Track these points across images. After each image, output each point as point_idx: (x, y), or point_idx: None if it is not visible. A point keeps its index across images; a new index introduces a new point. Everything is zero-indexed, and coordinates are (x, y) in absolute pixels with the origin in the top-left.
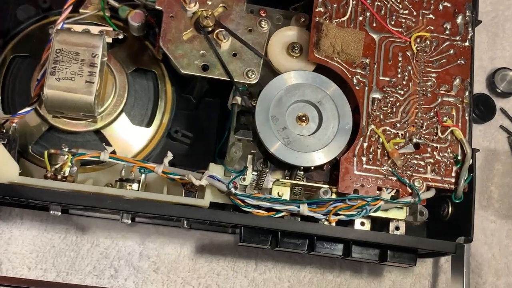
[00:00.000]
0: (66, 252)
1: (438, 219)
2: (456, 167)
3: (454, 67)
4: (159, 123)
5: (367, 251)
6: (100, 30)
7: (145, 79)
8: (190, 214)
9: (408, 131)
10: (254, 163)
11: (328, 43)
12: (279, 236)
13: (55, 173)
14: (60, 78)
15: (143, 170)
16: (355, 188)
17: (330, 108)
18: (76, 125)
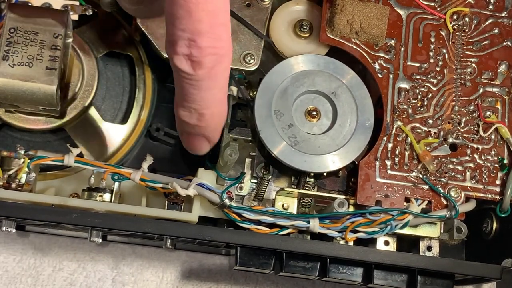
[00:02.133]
0: (22, 278)
1: (480, 238)
2: (501, 173)
3: (499, 50)
4: (137, 119)
5: (393, 276)
6: (63, 5)
7: (119, 65)
8: (175, 231)
9: (442, 129)
10: (253, 168)
11: (345, 21)
12: (284, 258)
13: (8, 181)
14: (14, 64)
15: (116, 177)
16: (377, 199)
17: (347, 101)
18: (34, 121)
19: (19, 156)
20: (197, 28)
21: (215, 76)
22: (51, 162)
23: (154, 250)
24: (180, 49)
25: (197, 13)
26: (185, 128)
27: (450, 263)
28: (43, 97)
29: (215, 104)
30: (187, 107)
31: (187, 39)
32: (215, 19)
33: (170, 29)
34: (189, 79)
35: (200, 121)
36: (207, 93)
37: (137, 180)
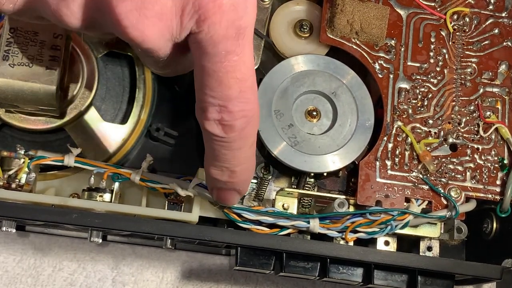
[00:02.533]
0: (22, 278)
1: (480, 238)
2: (502, 174)
3: (499, 50)
4: (137, 119)
5: (393, 276)
6: None
7: (119, 65)
8: (175, 231)
9: (442, 129)
10: None
11: (345, 21)
12: (284, 259)
13: (8, 181)
14: (14, 64)
15: (116, 177)
16: (377, 199)
17: (347, 101)
18: (34, 121)
19: (19, 156)
20: (227, 94)
21: (245, 137)
22: (51, 162)
23: (154, 250)
24: (211, 115)
25: (227, 81)
26: (216, 184)
27: (450, 263)
28: (43, 97)
29: (245, 160)
30: (219, 166)
31: (217, 105)
32: (244, 84)
33: (200, 97)
34: (220, 141)
35: (231, 177)
36: (238, 152)
37: (137, 180)
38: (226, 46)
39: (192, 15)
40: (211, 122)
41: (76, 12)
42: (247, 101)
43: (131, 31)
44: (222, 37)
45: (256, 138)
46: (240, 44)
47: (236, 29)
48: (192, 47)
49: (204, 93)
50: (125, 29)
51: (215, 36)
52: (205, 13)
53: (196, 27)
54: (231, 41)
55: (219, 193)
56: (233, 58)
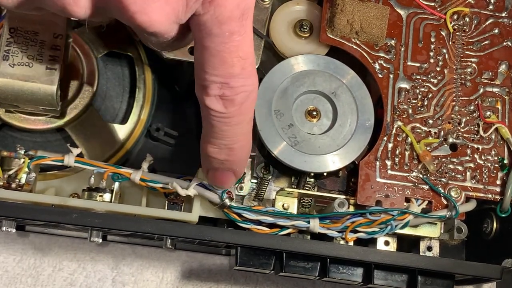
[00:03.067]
0: (22, 278)
1: (480, 238)
2: (502, 173)
3: (499, 50)
4: (137, 119)
5: (393, 276)
6: None
7: (119, 65)
8: (175, 231)
9: (442, 128)
10: (253, 168)
11: (345, 21)
12: (284, 258)
13: (8, 181)
14: (14, 64)
15: (117, 177)
16: (377, 199)
17: (347, 101)
18: (34, 121)
19: (19, 156)
20: (230, 72)
21: (245, 111)
22: (51, 162)
23: (154, 250)
24: (212, 91)
25: (230, 60)
26: (213, 164)
27: (450, 263)
28: (43, 97)
29: (243, 137)
30: (217, 144)
31: (219, 82)
32: (246, 62)
33: (201, 75)
34: (220, 117)
35: (229, 155)
36: (237, 127)
37: (137, 180)
38: (231, 27)
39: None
40: (212, 98)
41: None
42: (248, 76)
43: (139, 16)
44: (227, 18)
45: (253, 115)
46: (244, 25)
47: (240, 10)
48: (195, 28)
49: (205, 72)
50: (133, 15)
51: (221, 17)
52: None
53: (202, 9)
54: (236, 22)
55: (215, 175)
56: (236, 39)
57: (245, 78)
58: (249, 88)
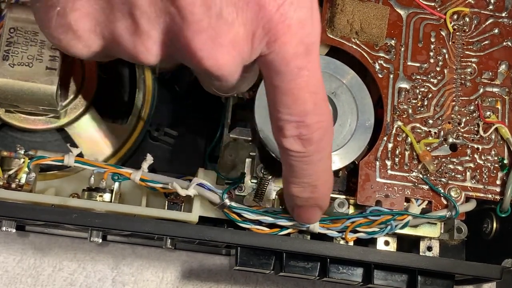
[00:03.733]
0: (22, 278)
1: (480, 238)
2: (502, 173)
3: (499, 50)
4: (137, 119)
5: (393, 276)
6: None
7: (119, 65)
8: (175, 231)
9: (442, 129)
10: (253, 168)
11: (345, 21)
12: (284, 258)
13: (8, 181)
14: (14, 64)
15: (116, 177)
16: (377, 199)
17: (347, 101)
18: (34, 121)
19: (19, 156)
20: (303, 110)
21: (323, 147)
22: (51, 162)
23: (154, 250)
24: (289, 132)
25: (301, 96)
26: (297, 203)
27: (450, 263)
28: (43, 97)
29: (325, 173)
30: (299, 183)
31: (294, 121)
32: (317, 96)
33: (276, 116)
34: (299, 156)
35: (313, 192)
36: (318, 165)
37: (137, 180)
38: (297, 63)
39: (262, 38)
40: (289, 139)
41: (152, 49)
42: (322, 112)
43: (206, 61)
44: (292, 55)
45: (331, 150)
46: (310, 60)
47: (305, 46)
48: (263, 68)
49: (279, 112)
50: (201, 60)
51: (286, 55)
52: (275, 34)
53: (267, 49)
54: (302, 58)
55: (301, 212)
56: (305, 74)
57: (319, 114)
58: (324, 124)
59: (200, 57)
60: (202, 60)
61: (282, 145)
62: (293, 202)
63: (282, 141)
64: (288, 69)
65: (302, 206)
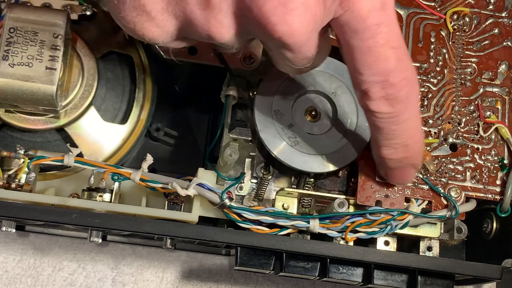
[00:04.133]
0: (22, 278)
1: (480, 238)
2: (502, 173)
3: (499, 50)
4: (137, 119)
5: (393, 276)
6: (63, 5)
7: (119, 65)
8: (175, 231)
9: (442, 129)
10: (253, 168)
11: None
12: (284, 259)
13: (8, 181)
14: (14, 64)
15: (116, 177)
16: (377, 199)
17: (347, 101)
18: (34, 121)
19: (19, 156)
20: (386, 68)
21: (411, 105)
22: (51, 162)
23: (154, 250)
24: (375, 94)
25: (383, 53)
26: (390, 165)
27: (450, 263)
28: (43, 97)
29: (415, 131)
30: (391, 145)
31: (379, 81)
32: (399, 52)
33: (359, 79)
34: (388, 117)
35: (406, 152)
36: (407, 123)
37: (137, 180)
38: (374, 19)
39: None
40: (376, 101)
41: (223, 21)
42: (406, 68)
43: (280, 27)
44: (368, 12)
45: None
46: (387, 14)
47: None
48: (339, 31)
49: (362, 74)
50: (274, 27)
51: (362, 12)
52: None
53: (341, 8)
54: (378, 13)
55: (395, 173)
56: (383, 30)
57: (403, 70)
58: (410, 80)
59: (272, 24)
60: (275, 26)
61: (369, 108)
62: (386, 166)
63: (369, 104)
64: (365, 26)
65: (396, 168)
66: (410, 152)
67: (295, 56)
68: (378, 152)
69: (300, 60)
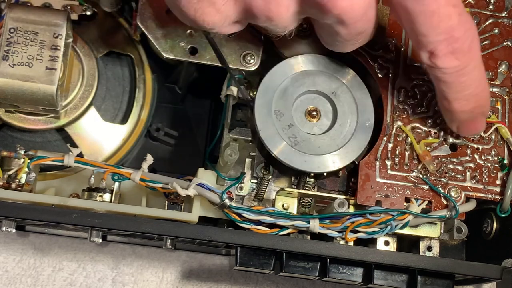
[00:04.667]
0: (22, 278)
1: (480, 238)
2: (502, 173)
3: (499, 50)
4: (137, 119)
5: (393, 276)
6: (63, 5)
7: (119, 65)
8: (175, 231)
9: (442, 128)
10: (253, 168)
11: None
12: (284, 259)
13: (8, 181)
14: (14, 64)
15: (117, 177)
16: (377, 199)
17: (347, 101)
18: (34, 121)
19: (19, 156)
20: (450, 25)
21: (475, 54)
22: (51, 162)
23: (154, 250)
24: (442, 51)
25: (446, 13)
26: (463, 117)
27: (450, 263)
28: (43, 97)
29: (482, 79)
30: (462, 97)
31: (445, 39)
32: (459, 8)
33: (423, 42)
34: (456, 71)
35: (476, 101)
36: (474, 72)
37: (137, 180)
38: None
39: None
40: (443, 58)
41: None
42: (466, 20)
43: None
44: None
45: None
46: None
47: None
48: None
49: (427, 36)
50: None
51: None
52: None
53: None
54: None
55: (468, 125)
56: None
57: (465, 23)
58: (472, 31)
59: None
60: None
61: (437, 66)
62: (458, 119)
63: (437, 62)
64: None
65: (468, 119)
66: (480, 101)
67: (349, 32)
68: (450, 107)
69: (353, 36)
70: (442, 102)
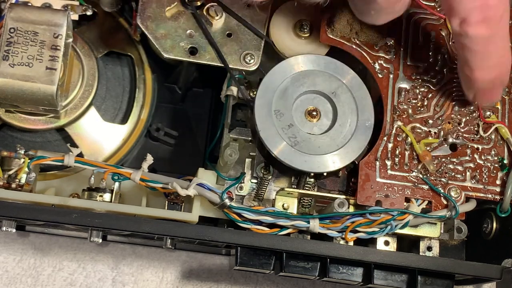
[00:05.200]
0: (22, 278)
1: (480, 238)
2: (501, 173)
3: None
4: (137, 119)
5: (393, 276)
6: (64, 5)
7: (119, 65)
8: (175, 231)
9: (442, 128)
10: (253, 168)
11: (345, 21)
12: (284, 258)
13: (8, 181)
14: (14, 64)
15: (117, 177)
16: (377, 199)
17: (347, 101)
18: (34, 121)
19: (19, 156)
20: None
21: (504, 24)
22: (51, 162)
23: (154, 250)
24: (475, 18)
25: None
26: (483, 86)
27: (450, 263)
28: (43, 97)
29: (507, 49)
30: (486, 66)
31: (476, 7)
32: None
33: (458, 10)
34: (485, 39)
35: (499, 71)
36: (502, 42)
37: (137, 180)
38: None
39: None
40: (475, 25)
41: None
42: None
43: None
44: None
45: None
46: None
47: None
48: None
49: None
50: None
51: None
52: None
53: None
54: None
55: (486, 94)
56: None
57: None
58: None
59: None
60: None
61: (468, 34)
62: (477, 87)
63: (468, 30)
64: None
65: (487, 89)
66: (502, 71)
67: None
68: (472, 75)
69: (392, 2)
70: (464, 70)
